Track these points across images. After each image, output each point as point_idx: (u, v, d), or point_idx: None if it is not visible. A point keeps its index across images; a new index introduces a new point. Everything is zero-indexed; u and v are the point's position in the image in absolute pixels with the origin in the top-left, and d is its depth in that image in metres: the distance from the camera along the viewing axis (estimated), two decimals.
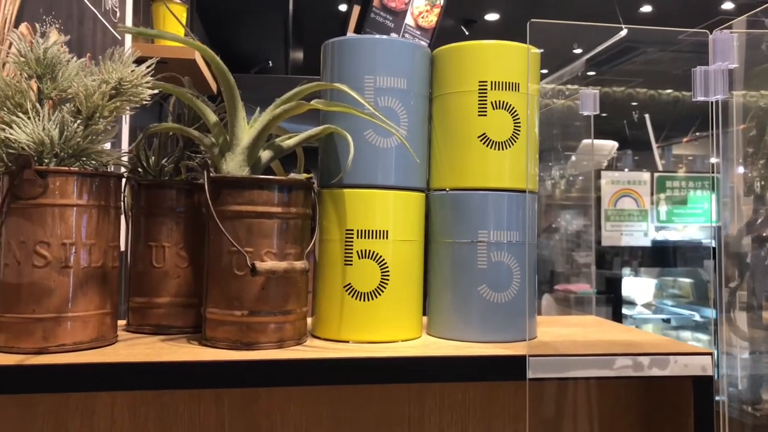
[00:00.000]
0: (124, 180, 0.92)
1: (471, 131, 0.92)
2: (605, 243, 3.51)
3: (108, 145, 0.90)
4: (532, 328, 0.94)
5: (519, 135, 0.92)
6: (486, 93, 0.92)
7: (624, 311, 3.77)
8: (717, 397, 0.88)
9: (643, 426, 1.00)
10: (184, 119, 0.98)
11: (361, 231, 0.89)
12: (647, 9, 4.65)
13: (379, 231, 0.89)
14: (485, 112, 0.92)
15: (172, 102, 1.02)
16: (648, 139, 4.63)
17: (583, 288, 3.15)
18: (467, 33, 4.93)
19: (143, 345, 0.84)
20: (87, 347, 0.80)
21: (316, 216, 0.91)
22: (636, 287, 4.10)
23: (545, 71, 1.01)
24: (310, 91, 0.88)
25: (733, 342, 1.22)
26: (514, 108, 0.92)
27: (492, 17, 4.96)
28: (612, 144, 4.07)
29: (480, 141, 0.92)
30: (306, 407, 0.93)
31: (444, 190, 0.95)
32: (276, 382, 0.82)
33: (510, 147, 0.92)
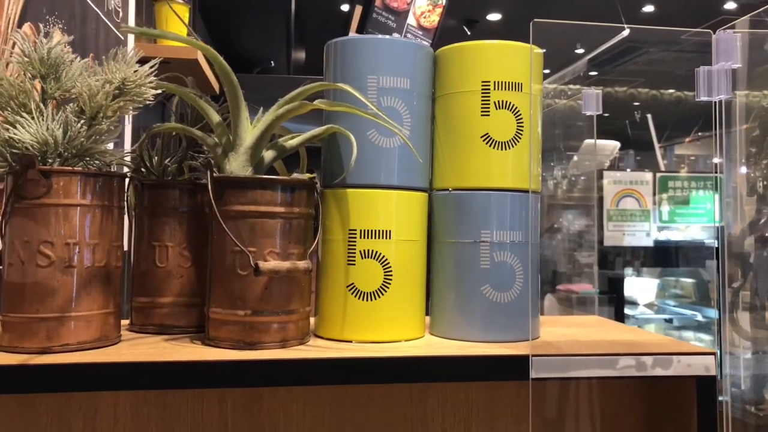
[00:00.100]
0: (127, 180, 0.92)
1: (474, 131, 0.92)
2: (607, 243, 3.51)
3: (111, 145, 0.90)
4: (535, 327, 0.94)
5: (522, 135, 0.92)
6: (489, 93, 0.92)
7: (626, 311, 3.77)
8: (720, 398, 0.88)
9: (646, 426, 1.00)
10: (186, 119, 0.98)
11: (364, 231, 0.89)
12: (650, 9, 4.65)
13: (382, 231, 0.90)
14: (488, 112, 0.92)
15: (175, 102, 1.02)
16: (650, 139, 4.63)
17: (586, 288, 3.15)
18: (469, 33, 4.94)
19: (146, 345, 0.84)
20: (90, 347, 0.80)
21: (319, 216, 0.91)
22: (638, 287, 4.10)
23: (547, 71, 1.01)
24: (313, 91, 0.88)
25: (736, 342, 1.22)
26: (517, 108, 0.92)
27: (494, 17, 4.96)
28: (614, 144, 4.07)
29: (483, 141, 0.92)
30: (309, 407, 0.93)
31: (447, 190, 0.95)
32: (279, 381, 0.82)
33: (513, 147, 0.92)
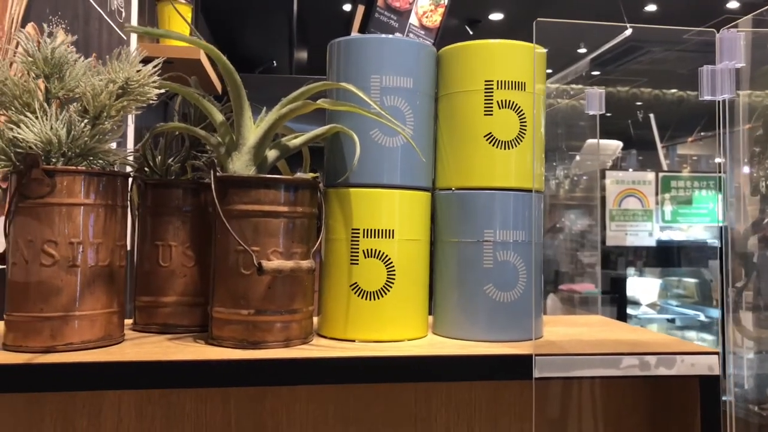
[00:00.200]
0: (130, 179, 0.92)
1: (477, 130, 0.92)
2: (610, 243, 3.50)
3: (114, 145, 0.90)
4: (538, 327, 0.94)
5: (525, 134, 0.92)
6: (492, 92, 0.92)
7: (628, 311, 3.77)
8: (724, 397, 0.87)
9: (650, 425, 1.00)
10: (189, 119, 0.98)
11: (367, 230, 0.89)
12: (652, 8, 4.65)
13: (385, 230, 0.90)
14: (491, 111, 0.92)
15: (178, 101, 1.02)
16: (652, 139, 4.62)
17: (588, 288, 3.15)
18: (471, 33, 4.93)
19: (150, 344, 0.85)
20: (94, 346, 0.80)
21: (322, 215, 0.91)
22: (640, 287, 4.10)
23: (549, 71, 1.00)
24: (316, 91, 0.89)
25: (739, 342, 1.22)
26: (520, 107, 0.92)
27: (496, 17, 4.96)
28: (616, 144, 4.07)
29: (486, 140, 0.92)
30: (312, 406, 0.93)
31: (450, 189, 0.95)
32: (282, 381, 0.82)
33: (516, 146, 0.92)
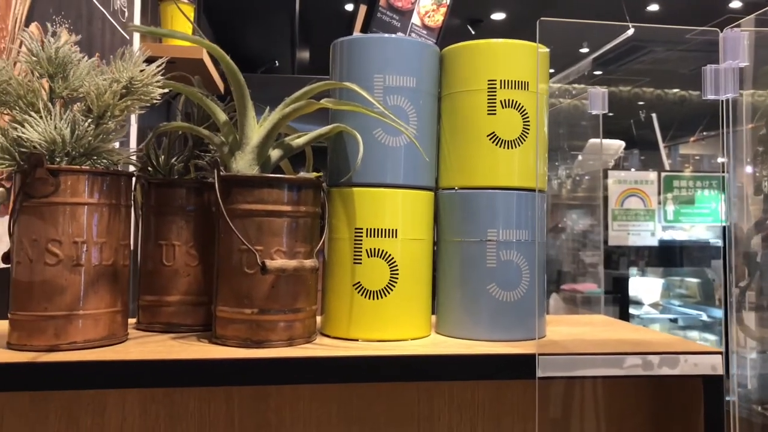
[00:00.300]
0: (134, 179, 0.92)
1: (480, 130, 0.92)
2: (612, 243, 3.50)
3: (117, 145, 0.90)
4: (541, 326, 0.94)
5: (528, 134, 0.92)
6: (495, 92, 0.92)
7: (631, 311, 3.77)
8: (727, 397, 0.87)
9: (653, 425, 1.00)
10: (192, 118, 0.98)
11: (370, 230, 0.90)
12: (654, 8, 4.64)
13: (388, 230, 0.90)
14: (494, 110, 0.92)
15: (181, 101, 1.02)
16: (655, 139, 4.62)
17: (590, 288, 3.15)
18: (473, 32, 4.93)
19: (154, 343, 0.85)
20: (98, 345, 0.80)
21: (325, 215, 0.91)
22: (643, 287, 4.09)
23: (552, 70, 1.01)
24: (319, 90, 0.89)
25: (742, 342, 1.22)
26: (523, 107, 0.92)
27: (498, 16, 4.96)
28: (619, 143, 4.06)
29: (489, 140, 0.92)
30: (315, 405, 0.93)
31: (453, 188, 0.95)
32: (286, 380, 0.82)
33: (519, 146, 0.92)
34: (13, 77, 0.81)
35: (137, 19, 2.01)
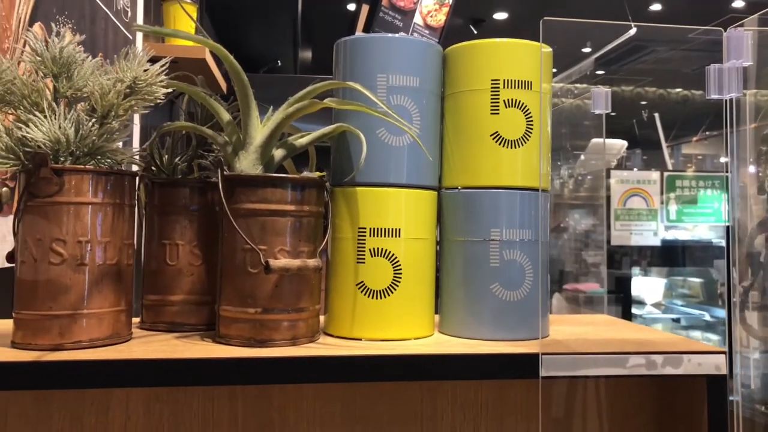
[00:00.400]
0: (138, 178, 0.92)
1: (483, 129, 0.92)
2: (614, 242, 3.50)
3: (121, 144, 0.90)
4: (544, 326, 0.94)
5: (531, 133, 0.92)
6: (498, 91, 0.92)
7: (633, 311, 3.76)
8: (731, 397, 0.87)
9: (656, 425, 1.00)
10: (196, 118, 0.99)
11: (374, 229, 0.90)
12: (657, 7, 4.64)
13: (392, 229, 0.90)
14: (498, 110, 0.92)
15: (184, 101, 1.02)
16: (657, 139, 4.61)
17: (593, 287, 3.15)
18: (476, 32, 4.93)
19: (157, 342, 0.85)
20: (102, 344, 0.81)
21: (328, 214, 0.91)
22: (645, 287, 4.09)
23: (554, 70, 1.01)
24: (322, 90, 0.89)
25: (746, 341, 1.22)
26: (526, 106, 0.92)
27: (500, 16, 4.95)
28: (621, 143, 4.06)
29: (492, 139, 0.92)
30: (319, 404, 0.94)
31: (456, 188, 0.95)
32: (289, 379, 0.82)
33: (522, 145, 0.92)
34: (18, 77, 0.81)
35: (140, 19, 2.02)
